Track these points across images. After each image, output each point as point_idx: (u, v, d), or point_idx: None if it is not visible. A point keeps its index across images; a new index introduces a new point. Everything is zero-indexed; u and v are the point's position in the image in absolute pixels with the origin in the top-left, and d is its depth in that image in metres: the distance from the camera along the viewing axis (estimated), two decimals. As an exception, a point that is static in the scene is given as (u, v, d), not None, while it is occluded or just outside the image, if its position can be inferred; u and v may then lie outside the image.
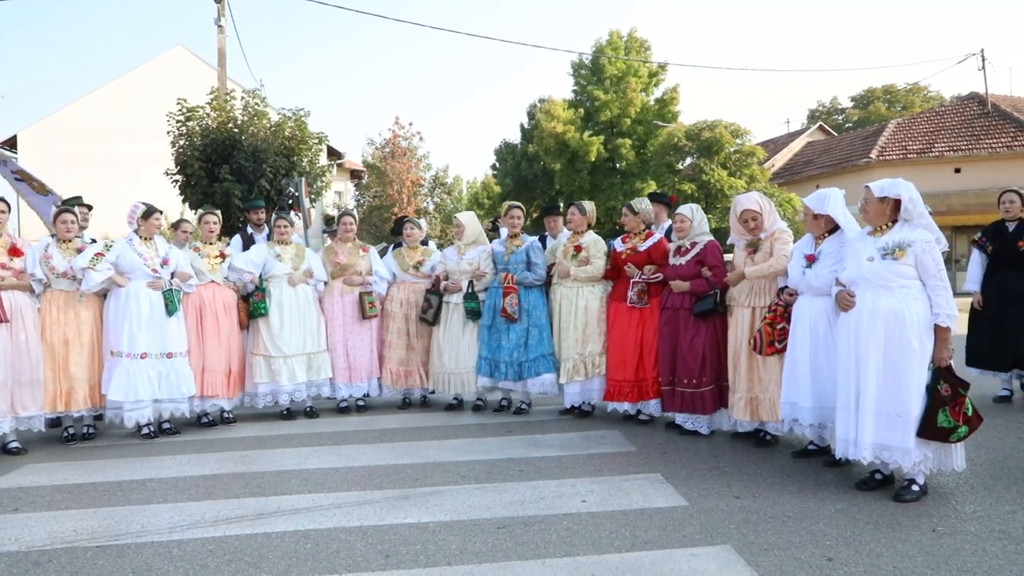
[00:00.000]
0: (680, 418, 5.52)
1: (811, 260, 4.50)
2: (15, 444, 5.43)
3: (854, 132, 30.76)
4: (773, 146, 32.07)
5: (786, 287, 4.72)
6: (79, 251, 5.66)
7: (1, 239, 5.41)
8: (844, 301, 4.02)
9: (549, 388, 6.22)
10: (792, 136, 34.07)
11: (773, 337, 4.66)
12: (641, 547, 3.31)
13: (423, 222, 7.38)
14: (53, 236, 5.79)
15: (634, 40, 30.60)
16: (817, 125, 35.37)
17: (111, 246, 5.70)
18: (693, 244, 5.56)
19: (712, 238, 5.60)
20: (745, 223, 5.09)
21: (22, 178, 6.97)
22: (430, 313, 6.55)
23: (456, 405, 6.73)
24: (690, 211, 5.62)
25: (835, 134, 33.90)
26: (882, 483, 4.03)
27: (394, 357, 6.71)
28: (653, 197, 7.13)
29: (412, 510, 3.87)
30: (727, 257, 5.68)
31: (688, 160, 25.08)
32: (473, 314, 6.42)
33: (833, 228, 4.53)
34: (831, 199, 4.47)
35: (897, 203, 3.91)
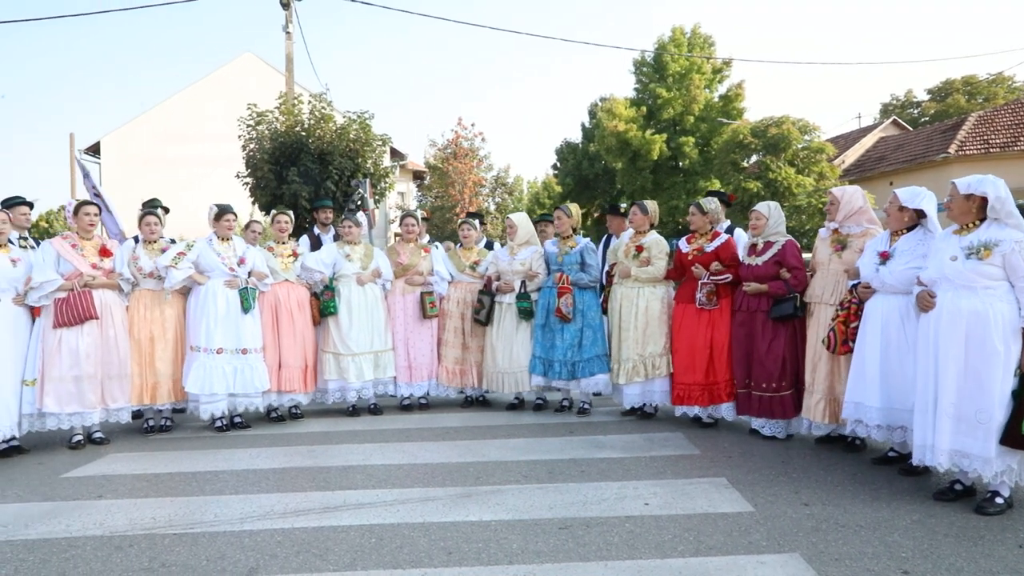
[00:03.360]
0: (757, 423, 5.39)
1: (885, 257, 4.36)
2: (99, 434, 5.72)
3: (931, 126, 29.44)
4: (843, 142, 31.01)
5: (859, 283, 4.56)
6: (163, 251, 5.93)
7: (92, 241, 5.72)
8: (924, 302, 3.87)
9: (603, 388, 6.21)
10: (864, 131, 32.86)
11: (847, 336, 4.52)
12: (706, 552, 3.25)
13: (478, 223, 7.42)
14: (136, 239, 6.08)
15: (698, 36, 30.05)
16: (891, 120, 34.02)
17: (192, 246, 5.96)
18: (769, 244, 5.41)
19: (790, 238, 5.44)
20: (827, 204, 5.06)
21: (98, 194, 7.38)
22: (482, 313, 6.59)
23: (517, 405, 6.75)
24: (766, 209, 5.48)
25: (910, 128, 32.53)
26: (962, 494, 3.85)
27: (450, 355, 6.78)
28: (710, 195, 6.98)
29: (474, 508, 3.90)
30: (806, 256, 5.52)
31: (754, 158, 24.48)
32: (526, 314, 6.43)
33: (912, 226, 4.38)
34: (926, 197, 4.34)
35: (984, 201, 3.74)
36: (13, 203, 5.78)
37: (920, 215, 4.38)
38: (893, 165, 25.85)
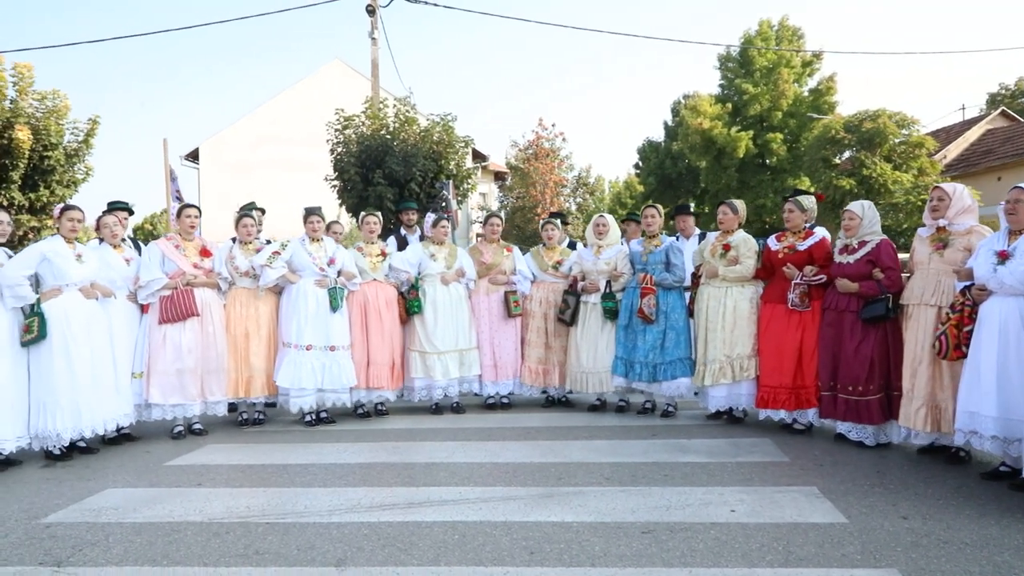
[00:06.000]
0: (843, 427, 5.19)
1: (1004, 257, 4.08)
2: (199, 426, 6.05)
3: (1045, 117, 27.48)
4: (945, 135, 29.29)
5: (972, 285, 4.30)
6: (258, 251, 6.21)
7: (194, 241, 6.06)
8: None
9: (684, 392, 6.11)
10: (968, 124, 30.94)
11: (960, 340, 4.26)
12: (795, 564, 3.13)
13: (560, 222, 7.42)
14: (234, 239, 6.39)
15: (786, 29, 29.04)
16: (999, 111, 31.88)
17: (286, 245, 6.21)
18: (863, 243, 5.19)
19: (885, 237, 5.21)
20: (930, 200, 4.79)
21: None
22: (567, 314, 6.58)
23: (599, 406, 6.71)
24: (860, 208, 5.26)
25: (1021, 120, 30.45)
26: (1082, 512, 3.58)
27: (533, 355, 6.80)
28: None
29: (556, 508, 3.89)
30: (901, 256, 5.27)
31: (846, 154, 23.46)
32: (610, 314, 6.38)
33: None
34: None
35: None
36: (114, 207, 6.18)
37: None
38: (1002, 159, 24.24)
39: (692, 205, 6.56)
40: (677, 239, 7.04)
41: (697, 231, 7.01)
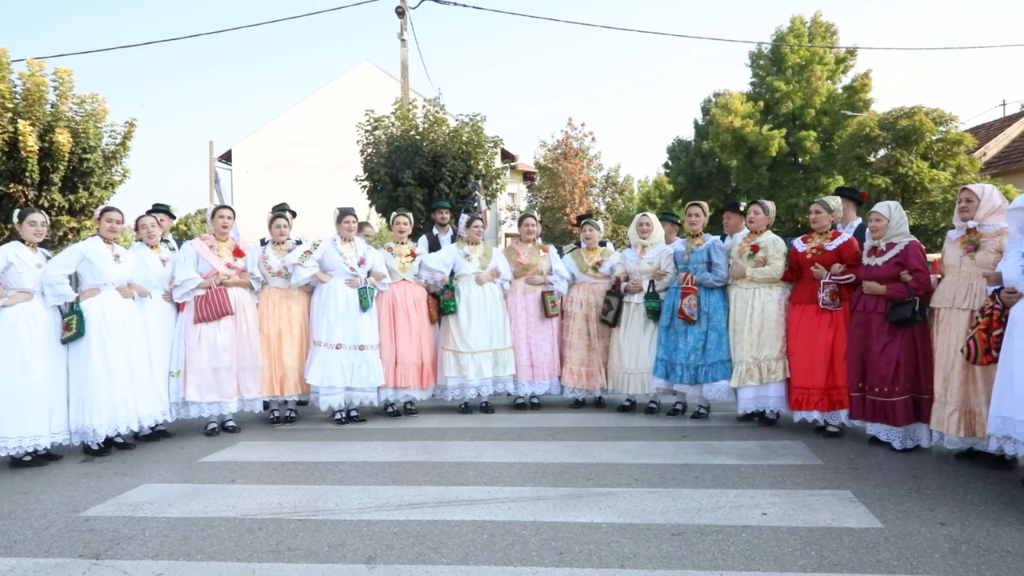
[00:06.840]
0: (872, 428, 5.14)
1: None
2: (231, 423, 6.14)
3: (1091, 113, 26.66)
4: (985, 132, 28.58)
5: (1003, 288, 4.20)
6: (289, 252, 6.30)
7: (227, 242, 6.15)
8: None
9: (725, 395, 6.02)
10: (1009, 120, 30.14)
11: (989, 344, 4.16)
12: (829, 569, 3.08)
13: (600, 223, 7.41)
14: (264, 242, 6.48)
15: (819, 25, 28.61)
16: (1041, 106, 31.00)
17: (318, 245, 6.29)
18: (891, 244, 5.12)
19: (914, 239, 5.12)
20: (959, 202, 4.69)
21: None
22: (610, 315, 6.54)
23: (629, 407, 6.67)
24: (887, 209, 5.18)
25: (1064, 116, 29.57)
26: None
27: (575, 357, 6.77)
28: (841, 192, 6.65)
29: (585, 509, 3.88)
30: (933, 257, 5.18)
31: (882, 152, 22.99)
32: (654, 314, 6.33)
33: None
34: None
35: None
36: (155, 209, 6.31)
37: None
38: (1044, 157, 23.58)
39: (743, 204, 6.48)
40: (723, 238, 6.97)
41: (746, 230, 6.91)
